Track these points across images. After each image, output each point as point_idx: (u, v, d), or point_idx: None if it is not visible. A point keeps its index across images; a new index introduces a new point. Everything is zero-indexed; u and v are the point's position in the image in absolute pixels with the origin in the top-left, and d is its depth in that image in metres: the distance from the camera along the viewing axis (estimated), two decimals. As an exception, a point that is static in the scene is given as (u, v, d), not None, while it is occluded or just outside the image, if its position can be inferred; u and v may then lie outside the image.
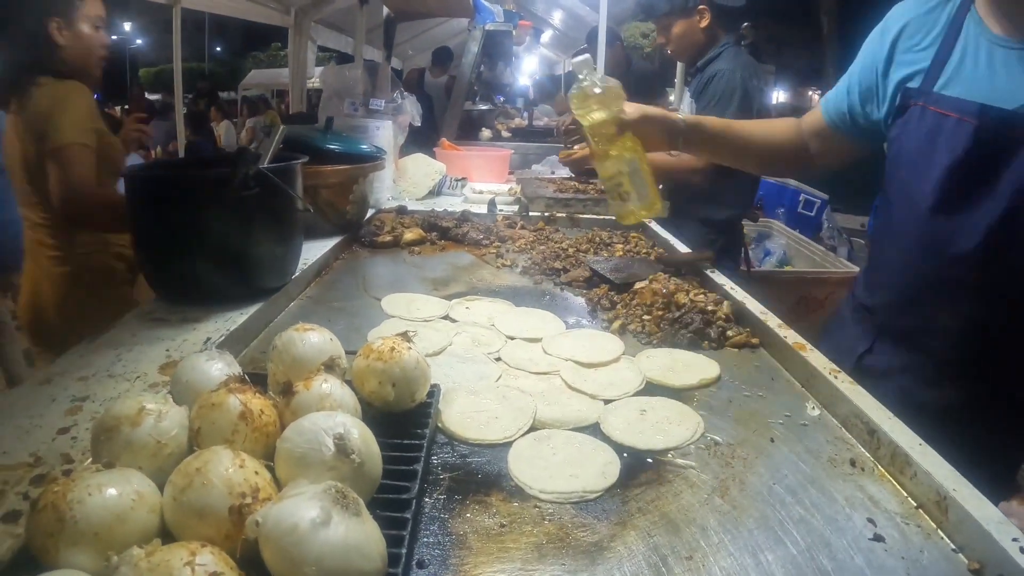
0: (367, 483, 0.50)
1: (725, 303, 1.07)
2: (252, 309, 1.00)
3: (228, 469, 0.45)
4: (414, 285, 1.26)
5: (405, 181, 2.03)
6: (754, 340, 1.01)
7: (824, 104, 1.11)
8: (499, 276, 1.35)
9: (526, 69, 8.72)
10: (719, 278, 1.23)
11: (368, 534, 0.42)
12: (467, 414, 0.74)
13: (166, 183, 1.01)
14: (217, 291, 1.01)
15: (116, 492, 0.45)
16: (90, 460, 0.63)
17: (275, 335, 0.95)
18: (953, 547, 0.59)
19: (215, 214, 0.96)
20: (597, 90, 1.11)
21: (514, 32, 5.70)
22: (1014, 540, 0.55)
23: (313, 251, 1.32)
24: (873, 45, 1.02)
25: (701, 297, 1.08)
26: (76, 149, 1.43)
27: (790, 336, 0.95)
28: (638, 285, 1.15)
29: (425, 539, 0.55)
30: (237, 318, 0.97)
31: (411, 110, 1.98)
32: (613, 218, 1.45)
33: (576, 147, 2.08)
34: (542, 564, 0.53)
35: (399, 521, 0.50)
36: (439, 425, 0.72)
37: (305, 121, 2.92)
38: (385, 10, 3.38)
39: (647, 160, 1.13)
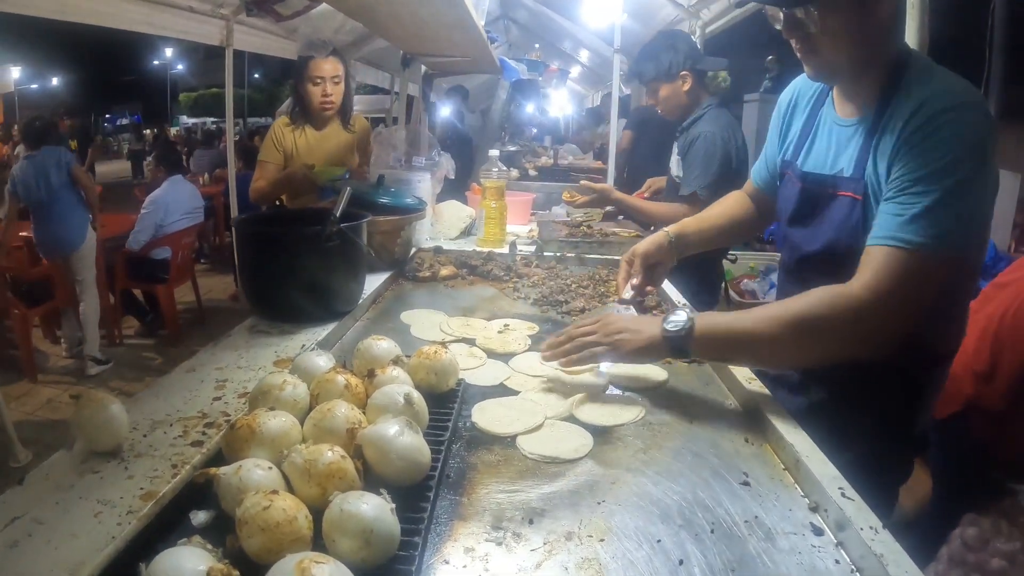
0: (420, 426, 0.85)
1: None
2: (331, 326, 1.37)
3: (344, 410, 0.81)
4: (448, 312, 1.61)
5: (441, 224, 2.41)
6: (700, 359, 1.33)
7: (754, 174, 1.46)
8: (515, 306, 1.68)
9: (556, 103, 9.13)
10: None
11: (423, 443, 0.77)
12: (497, 417, 1.01)
13: (273, 237, 1.39)
14: (305, 312, 1.38)
15: (282, 420, 0.80)
16: (245, 412, 0.99)
17: (348, 343, 1.31)
18: (802, 493, 0.88)
19: (308, 259, 1.34)
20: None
21: (541, 79, 6.10)
22: (839, 488, 0.85)
23: (370, 283, 1.68)
24: (774, 120, 1.36)
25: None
26: (260, 163, 2.53)
27: (726, 355, 1.27)
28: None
29: (451, 464, 0.89)
30: (321, 332, 1.34)
31: (446, 166, 2.37)
32: (617, 258, 1.80)
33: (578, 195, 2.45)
34: (522, 480, 0.86)
35: (437, 451, 0.85)
36: (475, 423, 0.98)
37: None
38: (423, 67, 3.82)
39: None
